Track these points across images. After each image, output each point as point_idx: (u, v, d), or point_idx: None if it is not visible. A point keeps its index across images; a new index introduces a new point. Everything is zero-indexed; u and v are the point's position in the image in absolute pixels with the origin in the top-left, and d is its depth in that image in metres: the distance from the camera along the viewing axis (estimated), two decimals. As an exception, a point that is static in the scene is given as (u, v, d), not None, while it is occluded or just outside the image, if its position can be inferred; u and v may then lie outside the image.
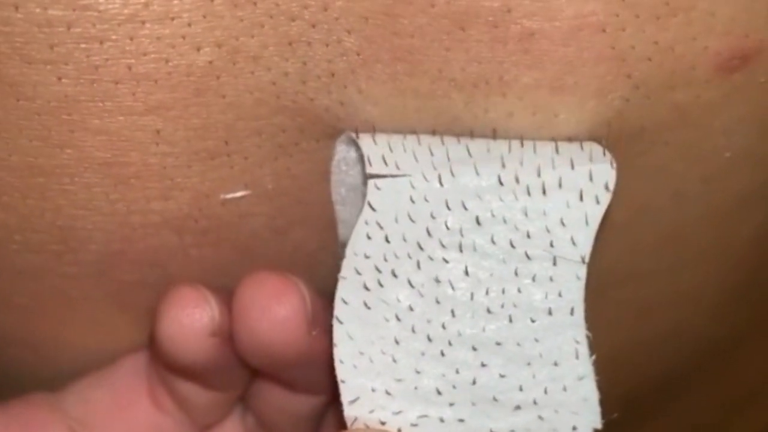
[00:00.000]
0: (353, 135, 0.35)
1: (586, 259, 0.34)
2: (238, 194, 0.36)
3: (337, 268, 0.38)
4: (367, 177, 0.35)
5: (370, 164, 0.34)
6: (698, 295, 0.41)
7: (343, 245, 0.37)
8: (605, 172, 0.34)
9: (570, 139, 0.36)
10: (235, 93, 0.35)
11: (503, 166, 0.34)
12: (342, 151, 0.37)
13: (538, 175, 0.34)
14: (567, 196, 0.34)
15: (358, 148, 0.36)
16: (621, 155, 0.36)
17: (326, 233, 0.38)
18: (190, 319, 0.36)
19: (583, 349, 0.34)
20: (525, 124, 0.35)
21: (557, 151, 0.34)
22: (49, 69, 0.34)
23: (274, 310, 0.36)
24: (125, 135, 0.35)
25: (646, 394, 0.45)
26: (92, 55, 0.34)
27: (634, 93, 0.35)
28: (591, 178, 0.34)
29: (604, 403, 0.40)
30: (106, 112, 0.34)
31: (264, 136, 0.36)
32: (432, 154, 0.35)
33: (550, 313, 0.34)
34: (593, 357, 0.34)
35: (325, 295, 0.39)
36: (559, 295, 0.34)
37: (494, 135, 0.35)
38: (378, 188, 0.34)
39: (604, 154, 0.34)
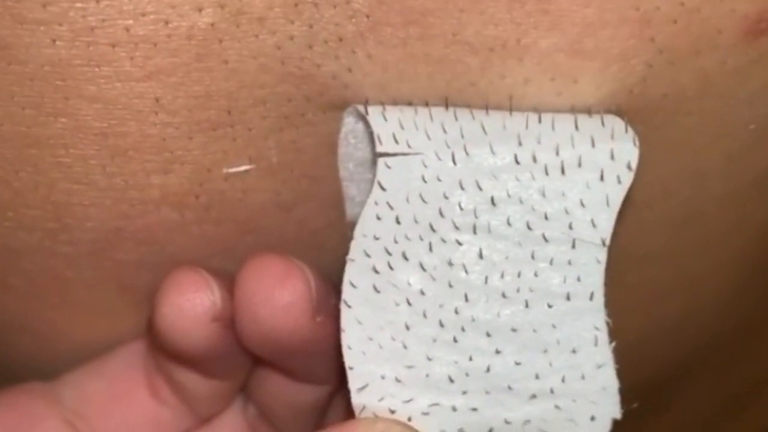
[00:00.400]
0: (362, 109, 0.34)
1: (607, 242, 0.33)
2: (242, 168, 0.35)
3: (345, 247, 0.37)
4: (377, 154, 0.34)
5: (380, 143, 0.33)
6: (714, 278, 0.40)
7: (351, 223, 0.36)
8: (628, 150, 0.33)
9: (590, 109, 0.35)
10: (238, 58, 0.34)
11: (520, 144, 0.33)
12: (350, 123, 0.35)
13: (557, 153, 0.33)
14: (587, 175, 0.33)
15: (367, 122, 0.34)
16: (642, 128, 0.35)
17: (333, 210, 0.37)
18: (191, 304, 0.35)
19: (603, 335, 0.33)
20: (543, 90, 0.34)
21: (577, 127, 0.33)
22: (42, 30, 0.33)
23: (277, 296, 0.35)
24: (122, 103, 0.34)
25: (657, 385, 0.44)
26: (88, 15, 0.33)
27: (657, 58, 0.34)
28: (612, 157, 0.33)
29: (621, 393, 0.39)
30: (103, 78, 0.33)
31: (268, 105, 0.35)
32: (445, 131, 0.33)
33: (568, 298, 0.33)
34: (613, 344, 0.33)
35: (331, 275, 0.38)
36: (578, 279, 0.33)
37: (510, 102, 0.34)
38: (388, 167, 0.33)
39: (626, 130, 0.33)
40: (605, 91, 0.34)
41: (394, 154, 0.33)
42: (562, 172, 0.33)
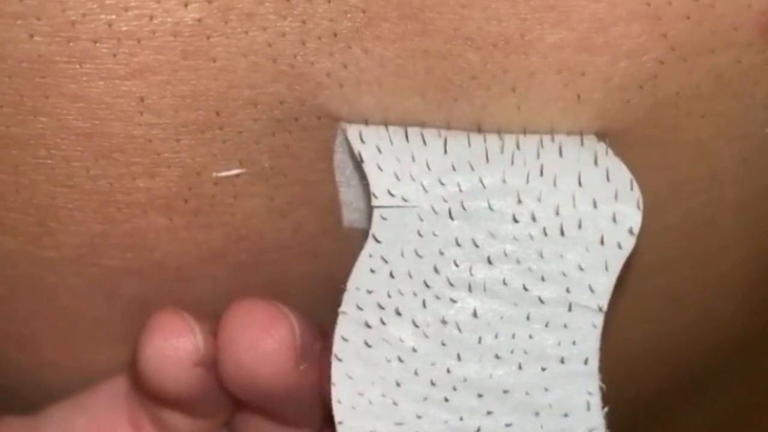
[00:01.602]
0: (357, 155, 0.33)
1: (604, 308, 0.33)
2: (233, 172, 0.35)
3: (341, 253, 0.36)
4: (371, 207, 0.33)
5: (376, 197, 0.33)
6: (728, 284, 0.39)
7: (347, 229, 0.36)
8: (631, 214, 0.32)
9: (600, 105, 0.34)
10: (227, 56, 0.33)
11: (519, 201, 0.33)
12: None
13: (557, 212, 0.32)
14: (587, 238, 0.32)
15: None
16: (654, 130, 0.34)
17: (329, 216, 0.36)
18: (174, 349, 0.35)
19: (596, 400, 0.33)
20: (548, 82, 0.33)
21: (580, 183, 0.32)
22: (19, 24, 0.32)
23: (261, 343, 0.35)
24: (106, 102, 0.33)
25: (667, 394, 0.43)
26: (67, 9, 0.32)
27: (669, 55, 0.33)
28: (614, 220, 0.32)
29: (631, 402, 0.39)
30: (84, 76, 0.33)
31: (260, 107, 0.34)
32: (443, 183, 0.33)
33: (562, 361, 0.33)
34: (606, 409, 0.33)
35: (327, 282, 0.37)
36: (573, 343, 0.33)
37: (514, 93, 0.33)
38: (383, 219, 0.33)
39: (632, 187, 0.33)
40: (614, 84, 0.33)
41: (390, 206, 0.33)
42: (562, 233, 0.32)
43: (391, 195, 0.33)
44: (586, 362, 0.33)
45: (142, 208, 0.35)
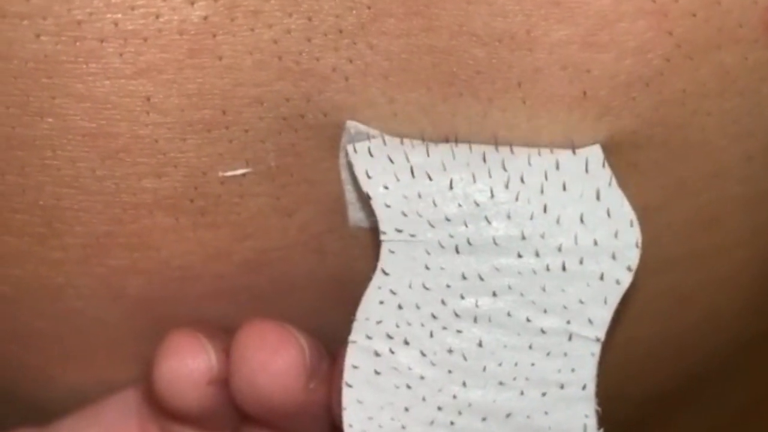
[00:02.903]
0: (366, 192, 0.34)
1: (602, 339, 0.34)
2: (239, 172, 0.35)
3: (347, 252, 0.37)
4: (380, 239, 0.34)
5: (384, 233, 0.34)
6: (733, 282, 0.39)
7: (352, 228, 0.36)
8: (630, 253, 0.33)
9: (605, 102, 0.34)
10: (233, 54, 0.33)
11: (523, 237, 0.33)
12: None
13: (559, 250, 0.33)
14: (587, 274, 0.34)
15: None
16: (660, 128, 0.34)
17: (334, 215, 0.36)
18: (188, 369, 0.36)
19: (592, 422, 0.34)
20: (554, 79, 0.33)
21: (582, 220, 0.33)
22: (25, 24, 0.32)
23: (273, 363, 0.36)
24: (112, 102, 0.33)
25: (673, 391, 0.43)
26: (74, 8, 0.32)
27: (675, 52, 0.33)
28: (614, 257, 0.33)
29: (634, 401, 0.40)
30: (91, 75, 0.33)
31: (266, 105, 0.34)
32: (448, 219, 0.34)
33: (561, 387, 0.34)
34: (601, 430, 0.35)
35: (333, 281, 0.37)
36: (572, 370, 0.34)
37: (520, 87, 0.33)
38: (392, 252, 0.34)
39: (632, 224, 0.33)
40: (620, 82, 0.33)
41: (398, 241, 0.34)
42: (563, 268, 0.33)
43: (399, 231, 0.34)
44: (584, 388, 0.34)
45: (148, 208, 0.35)
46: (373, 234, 0.35)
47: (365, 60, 0.33)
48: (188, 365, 0.36)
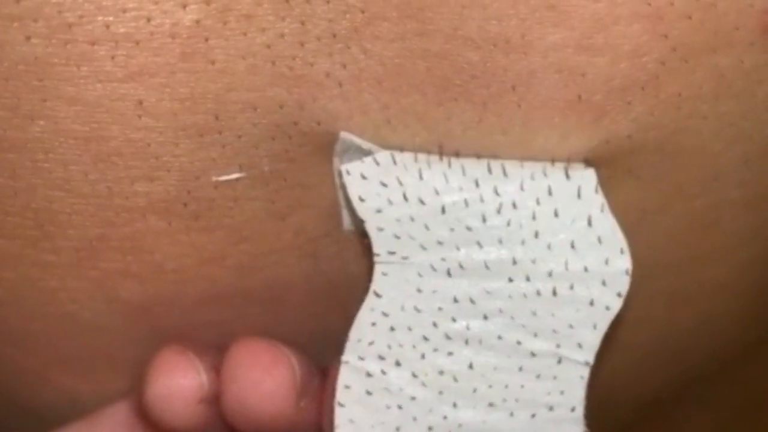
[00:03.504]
0: (360, 220, 0.34)
1: (591, 362, 0.34)
2: (232, 176, 0.34)
3: (341, 256, 0.36)
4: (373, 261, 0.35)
5: (378, 255, 0.34)
6: (731, 286, 0.39)
7: (347, 232, 0.36)
8: (620, 280, 0.34)
9: (601, 107, 0.34)
10: (225, 58, 0.33)
11: (514, 262, 0.34)
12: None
13: (550, 275, 0.34)
14: (578, 299, 0.34)
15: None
16: (655, 132, 0.34)
17: (329, 219, 0.36)
18: (179, 388, 0.36)
19: None
20: (549, 82, 0.33)
21: (573, 245, 0.34)
22: (16, 26, 0.32)
23: (264, 383, 0.36)
24: (104, 105, 0.33)
25: (672, 393, 0.43)
26: (64, 10, 0.32)
27: (671, 55, 0.33)
28: (604, 284, 0.34)
29: (634, 404, 0.40)
30: (82, 78, 0.32)
31: (259, 111, 0.34)
32: (440, 242, 0.34)
33: (551, 409, 0.35)
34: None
35: (327, 284, 0.37)
36: (561, 393, 0.35)
37: (514, 91, 0.33)
38: (384, 275, 0.34)
39: (622, 251, 0.34)
40: (615, 85, 0.33)
41: (391, 262, 0.34)
42: (554, 293, 0.34)
43: (392, 253, 0.34)
44: (573, 410, 0.35)
45: (140, 211, 0.35)
46: (366, 237, 0.35)
47: (359, 65, 0.33)
48: (179, 384, 0.36)
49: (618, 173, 0.35)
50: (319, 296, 0.38)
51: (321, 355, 0.38)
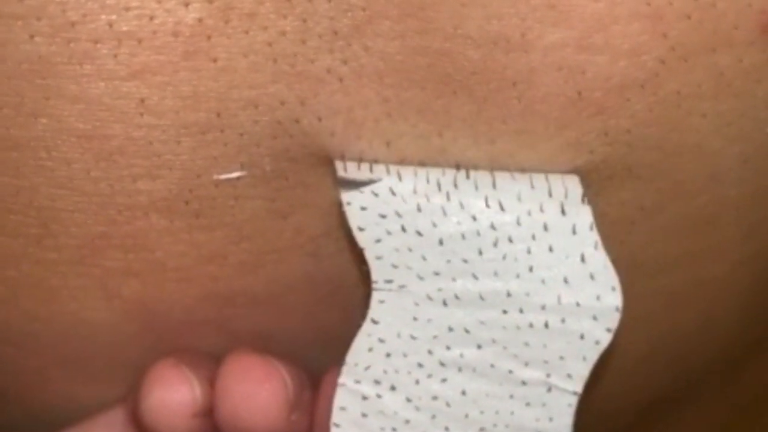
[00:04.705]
0: (361, 247, 0.35)
1: (579, 392, 0.35)
2: (233, 175, 0.34)
3: (342, 255, 0.36)
4: (371, 287, 0.35)
5: (376, 281, 0.35)
6: (728, 284, 0.39)
7: (348, 230, 0.35)
8: (611, 316, 0.35)
9: (600, 104, 0.34)
10: (227, 56, 0.33)
11: (508, 294, 0.35)
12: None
13: (543, 308, 0.35)
14: (568, 333, 0.35)
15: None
16: (655, 129, 0.34)
17: (330, 218, 0.36)
18: (173, 401, 0.37)
19: None
20: (549, 79, 0.33)
21: (566, 280, 0.34)
22: (19, 25, 0.32)
23: (256, 396, 0.37)
24: (106, 103, 0.33)
25: (672, 394, 0.43)
26: (68, 9, 0.32)
27: (670, 54, 0.33)
28: (595, 318, 0.35)
29: (633, 405, 0.40)
30: (85, 77, 0.32)
31: (260, 108, 0.34)
32: (437, 273, 0.35)
33: None
34: None
35: (327, 283, 0.37)
36: (550, 419, 0.36)
37: (515, 87, 0.33)
38: (381, 302, 0.35)
39: (614, 288, 0.35)
40: (614, 83, 0.33)
41: (389, 290, 0.35)
42: (546, 326, 0.35)
43: (389, 282, 0.35)
44: None
45: (142, 210, 0.35)
46: (366, 265, 0.35)
47: (360, 61, 0.33)
48: (173, 398, 0.37)
49: (617, 171, 0.35)
50: (320, 295, 0.37)
51: (320, 356, 0.38)
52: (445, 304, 0.35)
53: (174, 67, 0.33)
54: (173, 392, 0.37)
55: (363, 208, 0.35)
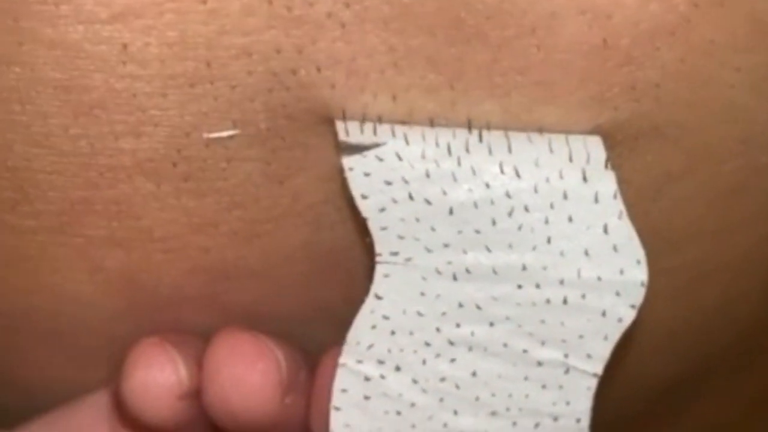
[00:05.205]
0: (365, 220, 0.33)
1: (599, 374, 0.34)
2: (225, 133, 0.33)
3: (344, 224, 0.35)
4: (374, 260, 0.34)
5: (380, 254, 0.33)
6: (759, 257, 0.38)
7: (351, 198, 0.34)
8: (635, 291, 0.33)
9: (627, 51, 0.32)
10: None
11: (524, 268, 0.33)
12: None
13: (561, 283, 0.33)
14: (589, 309, 0.33)
15: None
16: (684, 83, 0.33)
17: (331, 183, 0.35)
18: (157, 383, 0.36)
19: None
20: (571, 24, 0.32)
21: (587, 253, 0.33)
22: None
23: (247, 378, 0.35)
24: (85, 50, 0.32)
25: (684, 381, 0.42)
26: None
27: None
28: (618, 294, 0.33)
29: (652, 389, 0.40)
30: (62, 19, 0.31)
31: (254, 57, 0.32)
32: (447, 245, 0.33)
33: (555, 419, 0.35)
34: None
35: (328, 255, 0.36)
36: (567, 403, 0.34)
37: (534, 34, 0.32)
38: (386, 276, 0.34)
39: (639, 263, 0.33)
40: (643, 29, 0.32)
41: (394, 263, 0.34)
42: (565, 302, 0.33)
43: (394, 254, 0.33)
44: (578, 421, 0.34)
45: (126, 172, 0.34)
46: (370, 237, 0.34)
47: (363, 4, 0.32)
48: (156, 380, 0.36)
49: (644, 130, 0.34)
50: (319, 268, 0.36)
51: (319, 334, 0.37)
52: (455, 278, 0.33)
53: (159, 9, 0.31)
54: (156, 373, 0.35)
55: (366, 174, 0.33)
